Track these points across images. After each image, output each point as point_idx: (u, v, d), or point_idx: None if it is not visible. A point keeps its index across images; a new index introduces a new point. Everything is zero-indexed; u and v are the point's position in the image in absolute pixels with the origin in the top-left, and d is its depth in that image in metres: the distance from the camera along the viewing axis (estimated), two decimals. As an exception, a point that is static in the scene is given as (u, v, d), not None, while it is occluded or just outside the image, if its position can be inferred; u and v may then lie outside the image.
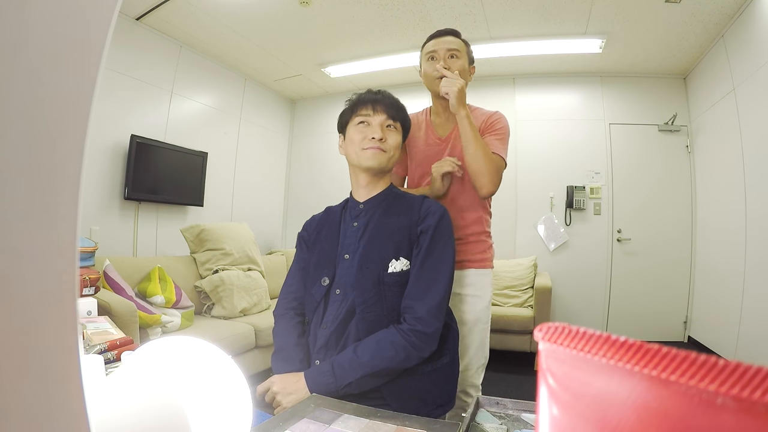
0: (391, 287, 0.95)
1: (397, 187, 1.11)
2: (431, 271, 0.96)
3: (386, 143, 1.02)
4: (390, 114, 1.04)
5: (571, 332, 0.18)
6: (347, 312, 0.95)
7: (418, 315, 0.92)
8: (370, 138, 1.01)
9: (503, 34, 3.18)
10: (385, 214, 1.02)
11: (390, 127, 1.04)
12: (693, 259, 3.52)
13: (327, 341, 0.95)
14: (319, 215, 1.14)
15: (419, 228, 0.99)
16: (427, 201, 1.05)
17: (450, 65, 1.26)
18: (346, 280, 0.97)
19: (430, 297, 0.94)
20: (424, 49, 1.33)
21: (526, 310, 3.18)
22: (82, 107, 0.22)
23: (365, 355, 0.88)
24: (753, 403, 0.13)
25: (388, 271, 0.96)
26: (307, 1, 2.77)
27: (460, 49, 1.29)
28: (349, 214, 1.07)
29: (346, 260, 1.00)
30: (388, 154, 1.03)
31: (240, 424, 0.41)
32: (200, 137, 3.55)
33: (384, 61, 3.61)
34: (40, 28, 0.20)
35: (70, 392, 0.22)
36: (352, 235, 1.02)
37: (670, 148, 3.62)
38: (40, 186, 0.21)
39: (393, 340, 0.90)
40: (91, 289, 1.50)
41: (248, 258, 3.00)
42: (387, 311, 0.95)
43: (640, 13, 2.79)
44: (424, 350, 0.92)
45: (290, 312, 1.06)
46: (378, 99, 1.05)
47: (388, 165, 1.04)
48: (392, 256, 0.97)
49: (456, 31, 1.32)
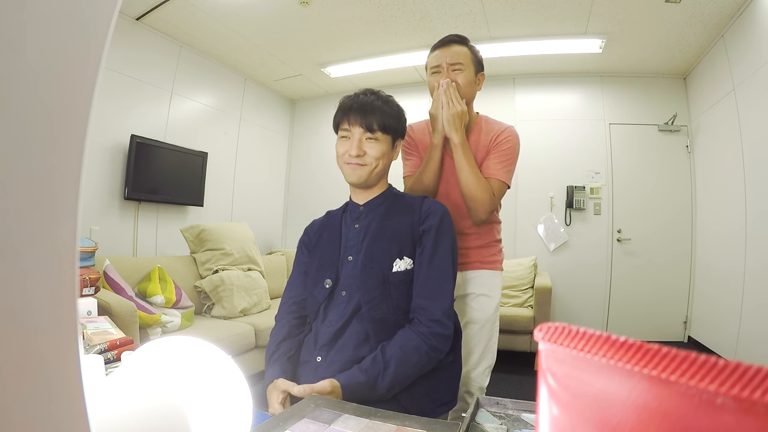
0: (396, 286, 0.96)
1: (395, 188, 1.10)
2: (439, 270, 0.96)
3: (366, 157, 0.99)
4: (367, 125, 0.99)
5: (571, 332, 0.18)
6: (353, 311, 0.95)
7: (434, 317, 0.93)
8: (348, 154, 1.00)
9: (503, 34, 3.18)
10: (386, 215, 1.03)
11: (370, 140, 1.00)
12: (693, 259, 3.52)
13: (330, 339, 0.96)
14: (320, 219, 1.14)
15: (421, 227, 0.99)
16: (427, 200, 1.05)
17: (454, 79, 1.22)
18: (351, 282, 0.98)
19: (442, 297, 0.95)
20: (429, 60, 1.29)
21: (526, 310, 3.18)
22: (82, 107, 0.22)
23: (391, 363, 0.88)
24: (753, 403, 0.13)
25: (393, 270, 0.96)
26: (307, 1, 2.77)
27: (464, 62, 1.24)
28: (349, 216, 1.07)
29: (349, 262, 1.00)
30: (369, 168, 1.00)
31: (240, 424, 0.41)
32: (200, 137, 3.55)
33: (384, 61, 3.61)
34: (40, 28, 0.20)
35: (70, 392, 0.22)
36: (354, 237, 1.02)
37: (670, 148, 3.62)
38: (40, 186, 0.21)
39: (415, 345, 0.91)
40: (91, 289, 1.50)
41: (248, 258, 3.01)
42: (393, 309, 0.96)
43: (640, 13, 2.79)
44: (442, 352, 0.94)
45: (288, 316, 1.07)
46: (353, 108, 1.00)
47: (370, 178, 1.02)
48: (396, 255, 0.97)
49: (462, 38, 1.27)
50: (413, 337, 0.92)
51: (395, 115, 1.03)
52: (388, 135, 1.02)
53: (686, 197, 3.57)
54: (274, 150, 4.58)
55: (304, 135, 4.72)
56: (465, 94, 1.23)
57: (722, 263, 3.02)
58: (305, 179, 4.64)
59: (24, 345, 0.20)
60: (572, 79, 3.82)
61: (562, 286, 3.67)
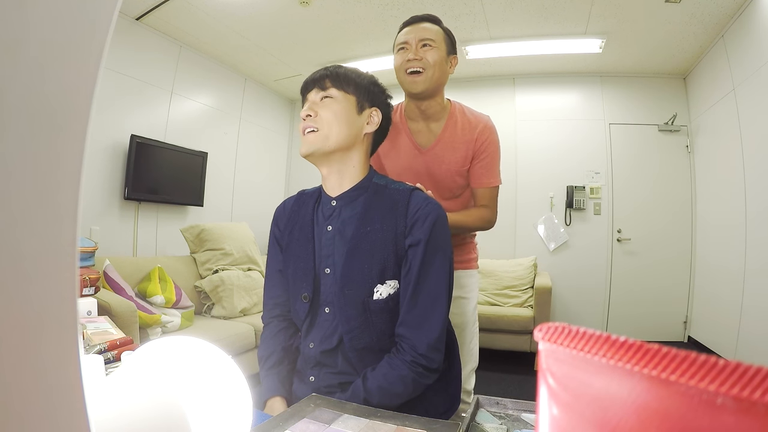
0: (378, 314, 0.83)
1: (379, 175, 0.92)
2: (426, 296, 0.82)
3: (317, 118, 0.84)
4: (320, 86, 0.86)
5: (571, 332, 0.18)
6: (340, 336, 0.86)
7: (419, 351, 0.80)
8: (301, 122, 0.87)
9: (503, 34, 3.18)
10: (364, 218, 0.85)
11: (324, 99, 0.86)
12: (693, 259, 3.52)
13: (317, 361, 0.88)
14: (291, 202, 0.98)
15: (407, 241, 0.82)
16: (415, 200, 0.85)
17: (423, 55, 1.13)
18: (333, 299, 0.86)
19: (429, 329, 0.81)
20: (397, 38, 1.19)
21: (526, 310, 3.18)
22: (83, 107, 0.22)
23: (374, 397, 0.79)
24: (753, 403, 0.13)
25: (374, 298, 0.82)
26: (307, 1, 2.77)
27: (435, 38, 1.14)
28: (321, 213, 0.91)
29: (327, 275, 0.86)
30: (323, 132, 0.84)
31: (240, 424, 0.41)
32: (200, 137, 3.55)
33: (384, 61, 3.61)
34: (40, 28, 0.20)
35: (70, 392, 0.22)
36: (327, 242, 0.87)
37: (670, 148, 3.62)
38: (41, 186, 0.21)
39: (400, 375, 0.80)
40: (91, 289, 1.50)
41: (248, 258, 3.01)
42: (377, 337, 0.84)
43: (640, 13, 2.79)
44: (430, 379, 0.84)
45: (274, 321, 0.97)
46: (307, 81, 0.89)
47: (326, 146, 0.84)
48: (377, 280, 0.82)
49: (433, 17, 1.19)
50: (398, 365, 0.81)
51: (354, 75, 0.89)
52: (347, 93, 0.87)
53: (686, 197, 3.57)
54: (274, 150, 4.58)
55: (304, 135, 4.71)
56: (434, 74, 1.14)
57: (722, 263, 3.03)
58: (305, 179, 4.64)
59: (24, 345, 0.20)
60: (572, 79, 3.82)
61: (562, 286, 3.67)
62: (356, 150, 0.88)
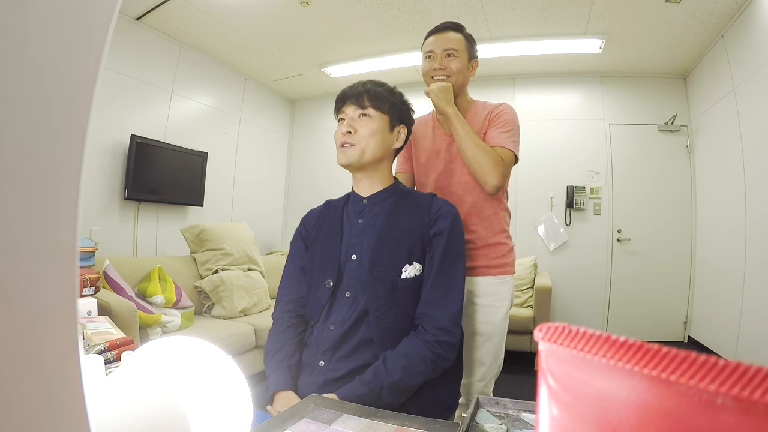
0: (405, 293, 0.92)
1: (402, 184, 1.05)
2: (448, 277, 0.92)
3: (356, 135, 0.95)
4: (359, 104, 0.96)
5: (571, 332, 0.18)
6: (359, 315, 0.91)
7: (441, 325, 0.89)
8: (340, 132, 0.96)
9: (503, 34, 3.18)
10: (394, 213, 0.97)
11: (362, 117, 0.96)
12: (693, 259, 3.52)
13: (335, 343, 0.92)
14: (318, 209, 1.07)
15: (432, 230, 0.94)
16: (436, 201, 1.00)
17: (447, 65, 1.22)
18: (356, 283, 0.93)
19: (450, 304, 0.91)
20: (424, 45, 1.29)
21: (526, 310, 3.18)
22: (83, 107, 0.22)
23: (396, 373, 0.85)
24: (753, 403, 0.13)
25: (402, 277, 0.92)
26: (307, 1, 2.77)
27: (458, 48, 1.23)
28: (352, 210, 1.01)
29: (353, 261, 0.95)
30: (360, 146, 0.95)
31: (240, 424, 0.41)
32: (200, 137, 3.55)
33: (384, 61, 3.61)
34: (40, 28, 0.20)
35: (70, 392, 0.22)
36: (357, 233, 0.97)
37: (670, 148, 3.62)
38: (41, 186, 0.21)
39: (421, 354, 0.87)
40: (91, 289, 1.50)
41: (248, 258, 3.01)
42: (402, 317, 0.92)
43: (640, 13, 2.79)
44: (448, 361, 0.91)
45: (285, 316, 1.01)
46: (346, 94, 0.98)
47: (362, 159, 0.96)
48: (405, 260, 0.92)
49: (457, 25, 1.27)
50: (419, 345, 0.88)
51: (389, 94, 0.99)
52: (383, 113, 0.97)
53: (686, 197, 3.57)
54: (274, 150, 4.58)
55: (304, 135, 4.72)
56: (458, 80, 1.23)
57: (722, 263, 3.03)
58: (305, 179, 4.64)
59: (24, 345, 0.20)
60: (572, 79, 3.82)
61: (562, 286, 3.67)
62: (386, 161, 1.02)
